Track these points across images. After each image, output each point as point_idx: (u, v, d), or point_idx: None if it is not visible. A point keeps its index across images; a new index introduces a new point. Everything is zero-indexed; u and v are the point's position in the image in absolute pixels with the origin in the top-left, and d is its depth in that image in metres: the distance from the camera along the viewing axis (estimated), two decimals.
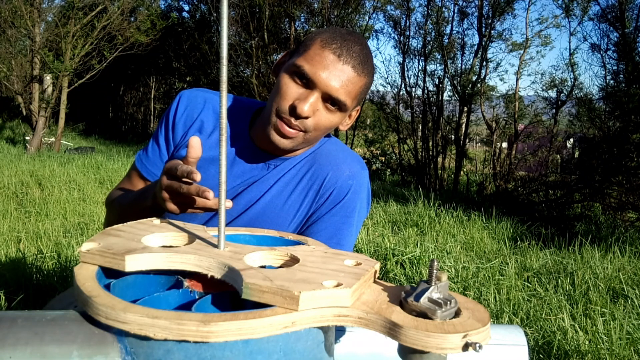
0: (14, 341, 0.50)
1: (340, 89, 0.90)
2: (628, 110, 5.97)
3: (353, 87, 0.92)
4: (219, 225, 0.66)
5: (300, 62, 0.90)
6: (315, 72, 0.89)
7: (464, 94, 8.57)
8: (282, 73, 0.94)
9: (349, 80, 0.91)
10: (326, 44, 0.90)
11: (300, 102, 0.90)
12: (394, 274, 2.82)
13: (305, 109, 0.90)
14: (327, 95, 0.91)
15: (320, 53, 0.90)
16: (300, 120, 0.92)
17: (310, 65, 0.89)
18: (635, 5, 6.43)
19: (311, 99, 0.90)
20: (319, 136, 0.98)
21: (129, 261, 0.61)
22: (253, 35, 9.94)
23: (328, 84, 0.89)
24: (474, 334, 0.51)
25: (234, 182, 1.02)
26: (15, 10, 8.57)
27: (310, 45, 0.91)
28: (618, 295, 2.64)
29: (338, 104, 0.92)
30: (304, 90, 0.91)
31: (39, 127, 8.99)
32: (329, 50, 0.89)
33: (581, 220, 5.67)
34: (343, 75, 0.90)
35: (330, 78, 0.89)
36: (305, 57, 0.91)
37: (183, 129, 1.06)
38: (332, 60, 0.89)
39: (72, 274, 2.16)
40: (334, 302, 0.54)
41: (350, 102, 0.94)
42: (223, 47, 0.60)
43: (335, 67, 0.89)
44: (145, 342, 0.50)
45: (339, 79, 0.90)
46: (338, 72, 0.89)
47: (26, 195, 4.68)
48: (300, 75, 0.90)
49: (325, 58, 0.89)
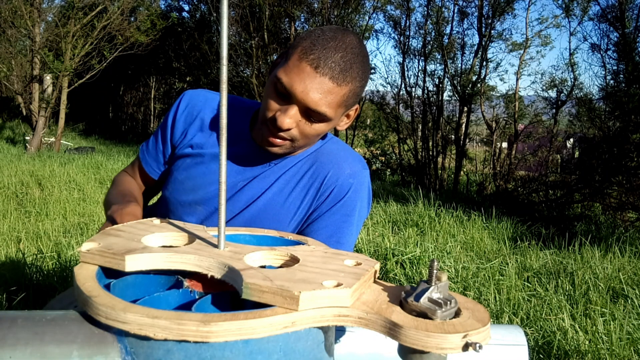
0: (14, 341, 0.50)
1: (318, 101, 0.87)
2: (628, 110, 5.96)
3: (333, 97, 0.88)
4: (219, 225, 0.66)
5: (280, 74, 0.89)
6: (292, 85, 0.87)
7: (464, 94, 8.57)
8: (268, 80, 0.94)
9: (328, 92, 0.87)
10: (304, 54, 0.87)
11: (280, 116, 0.89)
12: (394, 274, 2.82)
13: (285, 123, 0.89)
14: (305, 108, 0.89)
15: (297, 65, 0.87)
16: (284, 132, 0.92)
17: (288, 78, 0.87)
18: (635, 5, 6.43)
19: (291, 112, 0.89)
20: (310, 142, 0.98)
21: (129, 261, 0.61)
22: (253, 35, 9.94)
23: (305, 97, 0.87)
24: (474, 334, 0.51)
25: (235, 179, 1.02)
26: (15, 10, 8.57)
27: (291, 55, 0.89)
28: (618, 295, 2.64)
29: (318, 116, 0.90)
30: (284, 102, 0.90)
31: (39, 127, 8.99)
32: (306, 61, 0.86)
33: (581, 220, 5.67)
34: (321, 87, 0.87)
35: (307, 92, 0.86)
36: (285, 68, 0.89)
37: (183, 127, 1.07)
38: (309, 73, 0.86)
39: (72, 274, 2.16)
40: (334, 302, 0.54)
41: (334, 112, 0.91)
42: (223, 47, 0.60)
43: (312, 80, 0.86)
44: (146, 342, 0.50)
45: (316, 92, 0.87)
46: (316, 84, 0.86)
47: (26, 195, 4.68)
48: (280, 87, 0.89)
49: (302, 70, 0.86)
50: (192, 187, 1.04)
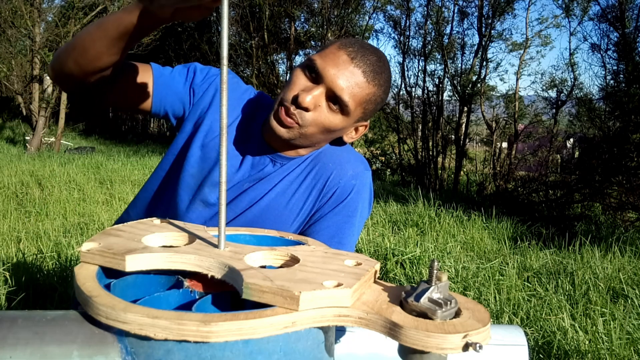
0: (14, 341, 0.50)
1: (345, 89, 0.91)
2: (628, 110, 5.97)
3: (359, 91, 0.92)
4: (219, 225, 0.66)
5: (315, 57, 0.93)
6: (325, 67, 0.91)
7: (464, 94, 8.57)
8: (295, 67, 0.97)
9: (356, 84, 0.91)
10: (343, 45, 0.93)
11: (303, 93, 0.91)
12: (394, 274, 2.82)
13: (306, 100, 0.90)
14: (331, 92, 0.91)
15: (335, 52, 0.92)
16: (299, 111, 0.92)
17: (322, 60, 0.92)
18: (635, 5, 6.43)
19: (315, 92, 0.91)
20: (316, 135, 0.96)
21: (129, 261, 0.61)
22: (253, 35, 9.94)
23: (334, 80, 0.90)
24: (474, 334, 0.51)
25: (241, 177, 1.02)
26: (15, 10, 8.57)
27: (329, 45, 0.95)
28: (618, 295, 2.64)
29: (340, 104, 0.92)
30: (311, 83, 0.93)
31: (39, 127, 8.99)
32: (344, 51, 0.92)
33: (581, 220, 5.67)
34: (352, 77, 0.91)
35: (338, 76, 0.90)
36: (320, 54, 0.94)
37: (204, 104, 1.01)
38: (344, 60, 0.91)
39: (72, 274, 2.16)
40: (334, 302, 0.54)
41: (354, 106, 0.93)
42: (223, 47, 0.60)
43: (345, 67, 0.91)
44: (146, 342, 0.50)
45: (346, 79, 0.91)
46: (348, 72, 0.91)
47: (26, 195, 4.68)
48: (311, 68, 0.92)
49: (338, 57, 0.91)
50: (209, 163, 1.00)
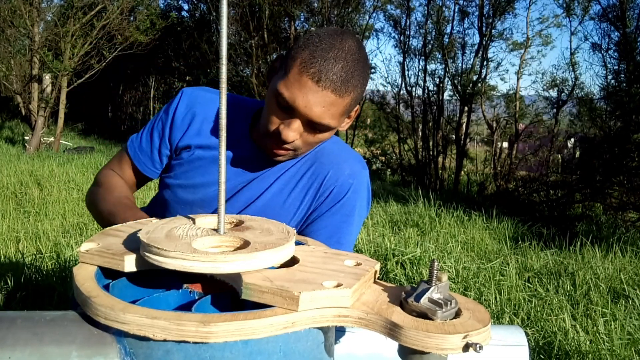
0: (13, 341, 0.50)
1: (322, 114, 0.87)
2: (629, 110, 5.96)
3: (336, 109, 0.88)
4: (218, 226, 0.66)
5: (281, 88, 0.87)
6: (294, 100, 0.86)
7: (464, 94, 8.57)
8: (269, 92, 0.93)
9: (330, 105, 0.87)
10: (304, 68, 0.85)
11: (284, 129, 0.89)
12: (394, 274, 2.82)
13: (289, 136, 0.89)
14: (308, 121, 0.89)
15: (298, 79, 0.85)
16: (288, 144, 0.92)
17: (290, 92, 0.86)
18: (636, 5, 6.43)
19: (294, 125, 0.89)
20: (312, 148, 0.99)
21: (128, 261, 0.61)
22: (253, 35, 9.94)
23: (308, 112, 0.86)
24: (475, 335, 0.51)
25: (235, 181, 1.02)
26: (14, 10, 8.56)
27: (291, 67, 0.87)
28: (619, 295, 2.64)
29: (322, 127, 0.90)
30: (286, 115, 0.89)
31: (38, 126, 8.99)
32: (307, 75, 0.85)
33: (582, 220, 5.67)
34: (324, 100, 0.86)
35: (310, 106, 0.86)
36: (285, 82, 0.87)
37: (183, 127, 1.05)
38: (310, 87, 0.85)
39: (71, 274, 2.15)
40: (334, 303, 0.54)
41: (337, 122, 0.91)
42: (223, 46, 0.60)
43: (314, 94, 0.85)
44: (145, 343, 0.50)
45: (319, 105, 0.86)
46: (318, 98, 0.85)
47: (25, 195, 4.68)
48: (281, 101, 0.88)
49: (303, 85, 0.85)
50: (192, 189, 1.03)
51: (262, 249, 0.57)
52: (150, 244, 0.57)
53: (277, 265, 0.61)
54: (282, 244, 0.59)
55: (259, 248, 0.57)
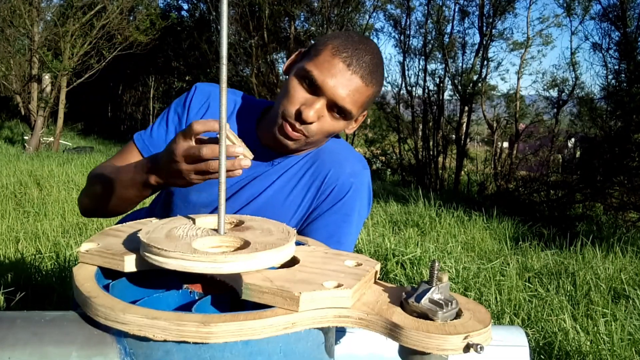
0: (13, 341, 0.50)
1: (346, 97, 0.90)
2: (629, 109, 5.96)
3: (360, 96, 0.92)
4: (218, 226, 0.65)
5: (310, 67, 0.91)
6: (324, 79, 0.89)
7: (464, 94, 8.57)
8: (291, 75, 0.95)
9: (356, 90, 0.91)
10: (337, 51, 0.90)
11: (306, 108, 0.90)
12: (395, 275, 2.82)
13: (310, 115, 0.90)
14: (333, 102, 0.91)
15: (330, 60, 0.90)
16: (304, 125, 0.93)
17: (319, 71, 0.90)
18: (636, 5, 6.43)
19: (317, 105, 0.91)
20: (321, 140, 0.99)
21: (128, 262, 0.61)
22: (252, 34, 9.93)
23: (335, 92, 0.90)
24: (475, 335, 0.50)
25: (236, 178, 1.01)
26: (14, 10, 8.56)
27: (322, 51, 0.91)
28: (619, 295, 2.64)
29: (343, 112, 0.93)
30: (311, 96, 0.92)
31: (38, 126, 8.98)
32: (339, 58, 0.89)
33: (582, 220, 5.67)
34: (351, 84, 0.90)
35: (338, 86, 0.89)
36: (315, 62, 0.91)
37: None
38: (341, 69, 0.89)
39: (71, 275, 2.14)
40: (335, 303, 0.54)
41: (356, 111, 0.94)
42: (223, 46, 0.59)
43: (343, 75, 0.89)
44: (145, 343, 0.50)
45: (346, 88, 0.90)
46: (346, 81, 0.90)
47: (25, 195, 4.67)
48: (309, 80, 0.91)
49: (334, 66, 0.89)
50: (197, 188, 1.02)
51: (262, 250, 0.57)
52: (150, 244, 0.57)
53: (278, 265, 0.61)
54: (282, 244, 0.59)
55: (259, 248, 0.57)
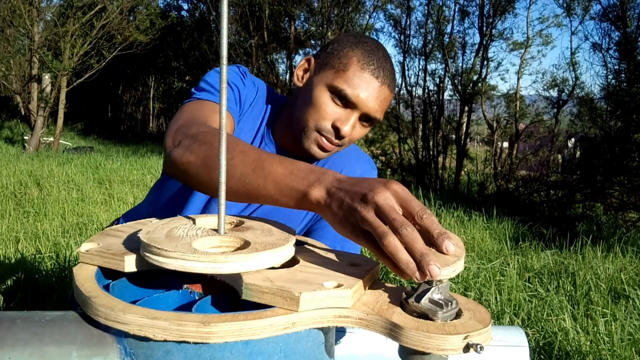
0: (13, 342, 0.50)
1: (378, 108, 0.96)
2: (630, 109, 5.96)
3: (386, 103, 0.98)
4: (218, 226, 0.65)
5: (341, 84, 0.93)
6: (357, 95, 0.93)
7: (464, 94, 8.57)
8: (318, 88, 0.94)
9: (384, 99, 0.96)
10: (365, 65, 0.93)
11: (343, 124, 0.94)
12: (395, 275, 2.82)
13: (347, 131, 0.94)
14: (365, 115, 0.95)
15: (360, 75, 0.93)
16: (342, 139, 0.97)
17: (352, 88, 0.93)
18: (636, 5, 6.43)
19: (352, 120, 0.95)
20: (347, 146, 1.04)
21: (128, 262, 0.61)
22: (253, 35, 9.93)
23: (368, 105, 0.94)
24: (475, 335, 0.50)
25: None
26: (14, 9, 8.56)
27: (349, 66, 0.93)
28: (619, 295, 2.64)
29: (372, 120, 0.97)
30: (343, 110, 0.95)
31: (38, 126, 8.99)
32: (369, 72, 0.93)
33: (582, 220, 5.67)
34: (380, 95, 0.95)
35: (370, 100, 0.94)
36: (345, 78, 0.93)
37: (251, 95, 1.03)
38: (371, 82, 0.93)
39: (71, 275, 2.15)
40: (335, 303, 0.54)
41: (381, 116, 0.99)
42: (223, 46, 0.59)
43: (375, 88, 0.93)
44: (145, 343, 0.50)
45: (377, 100, 0.94)
46: (377, 92, 0.94)
47: (24, 195, 4.67)
48: (342, 97, 0.94)
49: (364, 80, 0.93)
50: None
51: (262, 250, 0.57)
52: (150, 244, 0.57)
53: (278, 265, 0.61)
54: (282, 244, 0.59)
55: (260, 248, 0.57)
